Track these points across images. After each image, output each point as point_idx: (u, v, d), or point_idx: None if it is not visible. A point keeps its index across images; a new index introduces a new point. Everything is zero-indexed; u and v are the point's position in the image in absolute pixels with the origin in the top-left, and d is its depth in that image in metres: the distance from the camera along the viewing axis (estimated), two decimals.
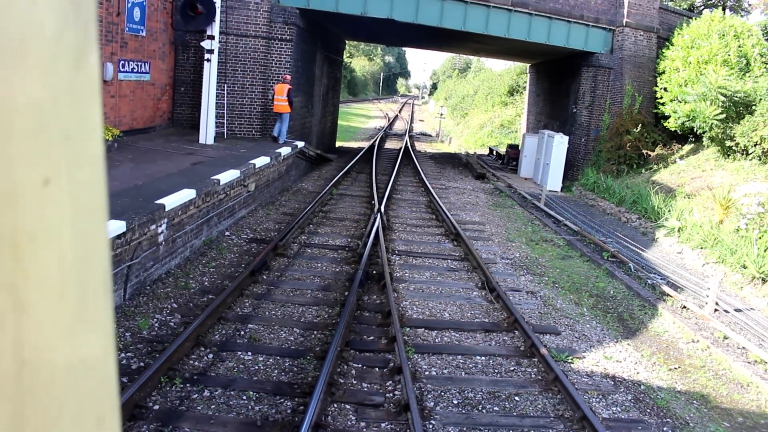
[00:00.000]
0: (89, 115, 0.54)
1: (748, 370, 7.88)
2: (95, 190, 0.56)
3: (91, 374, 0.56)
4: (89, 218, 0.55)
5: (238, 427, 5.53)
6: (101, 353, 0.57)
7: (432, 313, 8.77)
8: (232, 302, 8.36)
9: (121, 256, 7.82)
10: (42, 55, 0.49)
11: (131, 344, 6.95)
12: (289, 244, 11.42)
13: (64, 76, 0.51)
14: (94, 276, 0.56)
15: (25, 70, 0.49)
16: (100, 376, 0.57)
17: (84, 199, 0.54)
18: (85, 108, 0.54)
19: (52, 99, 0.50)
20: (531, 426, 5.97)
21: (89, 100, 0.54)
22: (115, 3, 13.52)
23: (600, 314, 9.57)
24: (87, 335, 0.56)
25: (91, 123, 0.55)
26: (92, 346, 0.57)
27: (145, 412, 5.61)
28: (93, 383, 0.57)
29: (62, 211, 0.52)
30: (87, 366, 0.56)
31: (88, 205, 0.55)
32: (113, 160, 11.56)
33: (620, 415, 6.41)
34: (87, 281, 0.55)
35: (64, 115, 0.52)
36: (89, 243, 0.55)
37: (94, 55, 0.55)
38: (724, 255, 12.17)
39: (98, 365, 0.57)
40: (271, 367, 6.72)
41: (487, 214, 16.48)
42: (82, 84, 0.53)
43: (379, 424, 5.76)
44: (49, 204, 0.51)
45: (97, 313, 0.57)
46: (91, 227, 0.56)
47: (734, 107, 17.97)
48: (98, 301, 0.57)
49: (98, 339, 0.57)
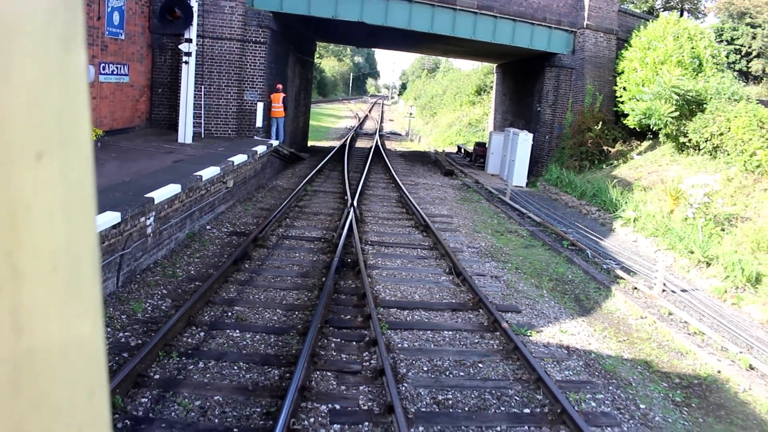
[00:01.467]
0: (77, 97, 0.57)
1: (688, 340, 8.77)
2: (84, 165, 0.58)
3: (83, 347, 0.58)
4: (79, 192, 0.57)
5: (232, 391, 6.20)
6: (91, 326, 0.59)
7: (404, 295, 9.51)
8: (218, 288, 9.00)
9: (114, 246, 8.42)
10: (35, 37, 0.51)
11: (128, 325, 7.56)
12: (268, 236, 12.07)
13: (55, 57, 0.54)
14: (84, 249, 0.58)
15: (19, 50, 0.50)
16: (91, 350, 0.59)
17: (74, 173, 0.57)
18: (74, 90, 0.56)
19: (44, 79, 0.53)
20: (493, 387, 6.74)
21: (78, 83, 0.57)
22: (96, 7, 14.03)
23: (558, 296, 10.40)
24: (78, 307, 0.57)
25: (79, 105, 0.57)
26: (83, 318, 0.58)
27: (148, 380, 6.24)
28: (84, 356, 0.58)
29: (54, 184, 0.54)
30: (79, 337, 0.58)
31: (78, 179, 0.57)
32: (98, 158, 12.09)
33: (572, 378, 7.22)
34: (78, 254, 0.57)
35: (55, 94, 0.54)
36: (79, 216, 0.57)
37: (82, 39, 0.57)
38: (673, 242, 13.12)
39: (89, 338, 0.59)
40: (258, 342, 7.39)
41: (455, 207, 17.29)
42: (71, 67, 0.56)
43: (357, 387, 6.47)
44: (43, 177, 0.53)
45: (87, 286, 0.59)
46: (80, 200, 0.58)
47: (687, 105, 19.04)
48: (88, 274, 0.59)
49: (88, 312, 0.59)
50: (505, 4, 22.01)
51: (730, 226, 13.12)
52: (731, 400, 7.24)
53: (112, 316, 7.72)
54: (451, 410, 6.21)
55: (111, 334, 7.23)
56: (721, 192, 14.65)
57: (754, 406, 7.15)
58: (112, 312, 7.84)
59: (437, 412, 6.14)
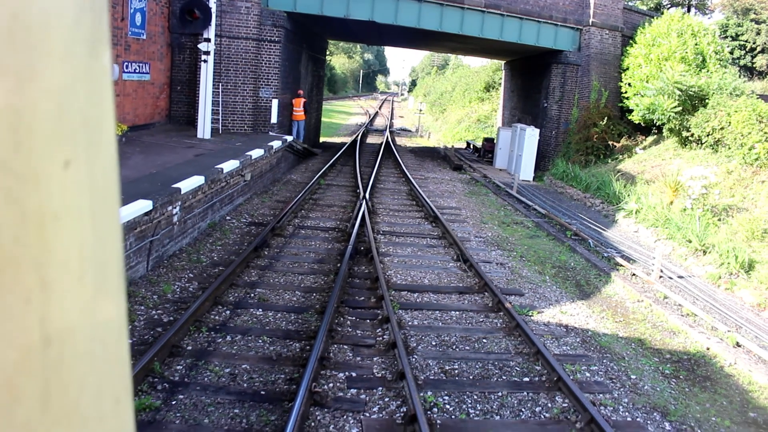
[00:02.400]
0: (103, 100, 0.57)
1: (681, 321, 9.34)
2: (109, 173, 0.58)
3: (109, 356, 0.59)
4: (105, 199, 0.57)
5: (258, 360, 6.85)
6: (117, 334, 0.60)
7: (414, 279, 10.13)
8: (240, 272, 9.65)
9: (145, 232, 9.09)
10: (62, 41, 0.51)
11: (159, 304, 8.22)
12: (285, 226, 12.72)
13: (82, 61, 0.53)
14: (110, 258, 0.58)
15: (48, 55, 0.50)
16: (116, 358, 0.60)
17: (100, 180, 0.56)
18: (100, 93, 0.56)
19: (71, 84, 0.52)
20: (495, 359, 7.36)
21: (103, 86, 0.57)
22: (120, 9, 14.72)
23: (560, 281, 10.99)
24: (104, 316, 0.58)
25: (105, 108, 0.57)
26: (109, 326, 0.59)
27: (181, 350, 6.90)
28: (110, 364, 0.59)
29: (81, 193, 0.54)
30: (105, 346, 0.58)
31: (104, 187, 0.57)
32: (124, 152, 12.78)
33: (569, 352, 7.82)
34: (104, 263, 0.57)
35: (82, 99, 0.54)
36: (105, 224, 0.57)
37: (107, 43, 0.57)
38: (672, 232, 13.67)
39: (115, 346, 0.59)
40: (279, 320, 8.03)
41: (463, 200, 17.89)
42: (97, 70, 0.55)
43: (371, 358, 7.10)
44: (70, 185, 0.52)
45: (113, 296, 0.59)
46: (107, 208, 0.58)
47: (689, 101, 19.54)
48: (114, 284, 0.59)
49: (114, 320, 0.59)
50: (512, 2, 22.55)
51: (727, 217, 13.66)
52: (717, 373, 7.83)
53: (145, 296, 8.39)
54: (457, 378, 6.83)
55: (144, 312, 7.90)
56: (720, 184, 15.18)
57: (738, 378, 7.73)
58: (144, 293, 8.50)
59: (444, 380, 6.76)
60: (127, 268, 8.61)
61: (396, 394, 6.30)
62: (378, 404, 6.12)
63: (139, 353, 6.57)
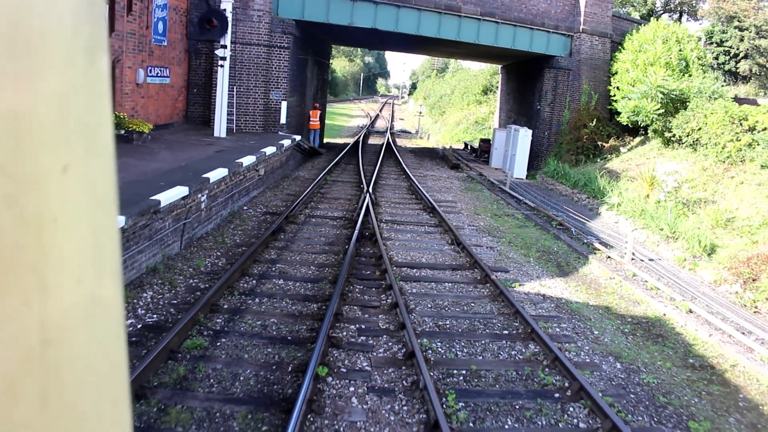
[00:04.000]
0: (102, 106, 0.58)
1: (645, 293, 10.75)
2: (107, 178, 0.59)
3: (107, 357, 0.60)
4: (103, 203, 0.58)
5: (283, 316, 8.25)
6: (115, 336, 0.61)
7: (413, 258, 11.55)
8: (261, 251, 11.05)
9: (180, 215, 10.50)
10: (61, 48, 0.52)
11: (195, 275, 9.63)
12: (297, 215, 14.13)
13: (81, 68, 0.54)
14: (108, 261, 0.59)
15: (47, 62, 0.51)
16: (114, 359, 0.61)
17: (98, 184, 0.57)
18: (99, 100, 0.57)
19: (70, 90, 0.53)
20: (481, 318, 8.76)
21: (102, 92, 0.57)
22: (145, 18, 16.15)
23: (543, 262, 12.40)
24: (102, 319, 0.58)
25: (103, 114, 0.58)
26: (107, 329, 0.59)
27: (219, 308, 8.30)
28: (108, 365, 0.60)
29: (80, 196, 0.55)
30: (103, 347, 0.59)
31: (102, 191, 0.58)
32: (152, 148, 14.21)
33: (543, 314, 9.24)
34: (102, 266, 0.58)
35: (81, 105, 0.55)
36: (103, 228, 0.58)
37: (105, 50, 0.58)
38: (648, 222, 15.07)
39: (113, 348, 0.60)
40: (298, 287, 9.44)
41: (459, 195, 19.32)
42: (95, 77, 0.56)
43: (377, 315, 8.51)
44: (68, 190, 0.53)
45: (110, 298, 0.60)
46: (105, 214, 0.58)
47: (671, 103, 20.94)
48: (111, 287, 0.60)
49: (112, 322, 0.60)
50: (507, 10, 23.99)
51: (698, 208, 15.06)
52: (668, 332, 9.24)
53: (182, 269, 9.80)
54: (448, 331, 8.24)
55: (184, 281, 9.30)
56: (695, 180, 16.61)
57: (685, 335, 9.13)
58: (181, 266, 9.91)
59: (437, 332, 8.17)
60: (164, 246, 10.03)
61: (398, 341, 7.71)
62: (383, 347, 7.53)
63: (185, 309, 7.99)
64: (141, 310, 8.04)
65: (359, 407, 6.09)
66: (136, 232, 8.79)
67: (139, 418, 5.60)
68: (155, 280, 9.07)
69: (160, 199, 9.19)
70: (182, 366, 6.59)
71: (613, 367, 7.68)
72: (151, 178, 10.82)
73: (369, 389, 6.46)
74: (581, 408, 6.45)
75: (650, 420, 6.47)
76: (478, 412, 6.23)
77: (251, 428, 5.59)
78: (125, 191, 9.36)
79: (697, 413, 6.71)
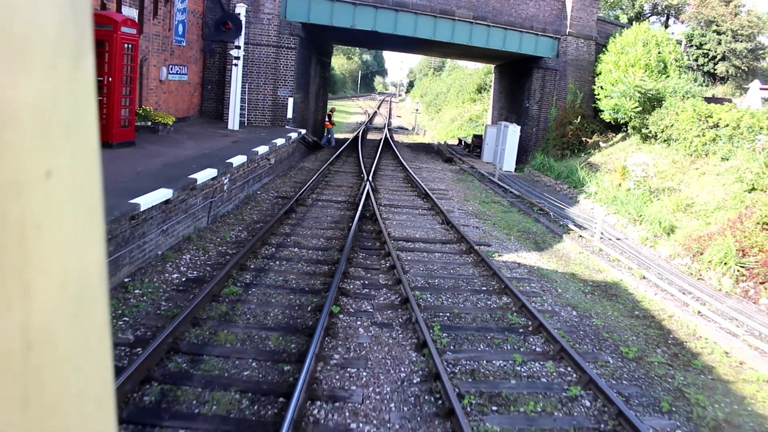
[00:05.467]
0: (87, 111, 0.57)
1: (607, 264, 12.52)
2: (92, 182, 0.59)
3: (90, 358, 0.60)
4: (87, 209, 0.58)
5: (301, 274, 9.98)
6: (98, 338, 0.61)
7: (408, 234, 13.31)
8: (277, 226, 12.79)
9: (207, 194, 12.22)
10: (44, 54, 0.52)
11: (223, 244, 11.35)
12: (305, 199, 15.88)
13: (65, 73, 0.54)
14: (93, 264, 0.60)
15: (30, 67, 0.51)
16: (98, 360, 0.61)
17: (82, 190, 0.57)
18: (83, 104, 0.57)
19: (53, 95, 0.53)
20: (464, 278, 10.51)
21: (86, 97, 0.58)
22: (168, 21, 17.86)
23: (522, 239, 14.17)
24: (86, 321, 0.59)
25: (88, 118, 0.58)
26: (90, 331, 0.60)
27: (247, 267, 10.03)
28: (91, 367, 0.60)
29: (63, 202, 0.55)
30: (86, 350, 0.59)
31: (86, 197, 0.58)
32: (176, 138, 15.93)
33: (517, 276, 11.00)
34: (86, 269, 0.59)
35: (65, 110, 0.55)
36: (88, 231, 0.59)
37: (90, 55, 0.58)
38: (619, 207, 16.85)
39: (96, 350, 0.61)
40: (311, 254, 11.18)
41: (451, 184, 21.09)
42: (80, 81, 0.56)
43: (378, 274, 10.26)
44: (52, 195, 0.54)
45: (95, 301, 0.60)
46: (89, 217, 0.59)
47: (648, 102, 22.72)
48: (96, 289, 0.60)
49: (96, 325, 0.60)
50: (497, 14, 25.75)
51: (663, 195, 16.84)
52: (622, 292, 11.01)
53: (212, 239, 11.52)
54: (437, 286, 10.00)
55: (214, 248, 11.02)
56: (666, 171, 18.38)
57: (635, 295, 10.91)
58: (210, 237, 11.63)
59: (428, 287, 9.93)
60: (195, 220, 11.75)
61: (395, 292, 9.47)
62: (383, 296, 9.28)
63: (220, 267, 9.71)
64: (183, 267, 9.77)
65: (365, 334, 7.85)
66: (176, 205, 10.51)
67: (197, 337, 7.33)
68: (191, 247, 10.80)
69: (197, 178, 10.93)
70: (224, 305, 8.33)
71: (570, 314, 9.46)
72: (184, 162, 12.54)
73: (372, 323, 8.22)
74: (539, 338, 8.22)
75: (592, 347, 8.25)
76: (457, 339, 7.99)
77: (283, 345, 7.33)
78: (167, 172, 11.12)
79: (631, 345, 8.48)
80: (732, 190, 15.12)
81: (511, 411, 6.32)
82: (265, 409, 5.91)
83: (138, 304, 8.07)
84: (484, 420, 6.05)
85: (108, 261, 7.07)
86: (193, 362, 6.69)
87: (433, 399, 6.35)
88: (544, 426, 6.09)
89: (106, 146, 12.59)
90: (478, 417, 6.10)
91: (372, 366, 6.98)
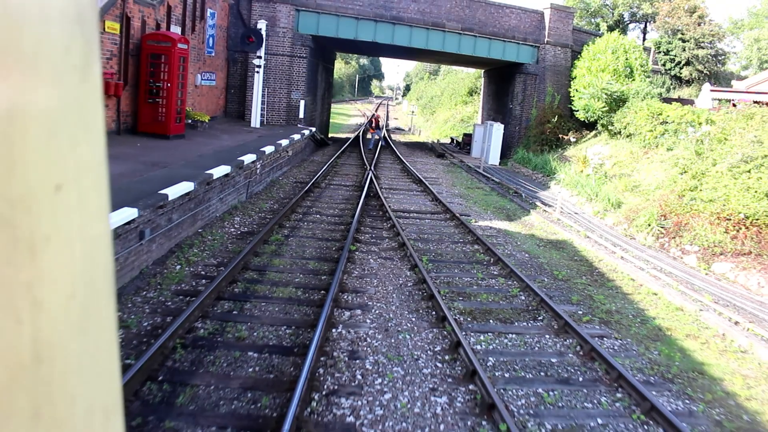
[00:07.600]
0: (94, 123, 0.58)
1: (561, 229, 15.91)
2: (100, 194, 0.60)
3: (99, 370, 0.61)
4: (95, 221, 0.59)
5: (324, 230, 13.34)
6: (107, 350, 0.62)
7: (405, 208, 16.70)
8: (300, 201, 16.15)
9: (247, 174, 15.57)
10: (52, 67, 0.53)
11: (261, 212, 14.70)
12: (320, 183, 19.26)
13: (72, 86, 0.55)
14: (100, 276, 0.60)
15: (38, 80, 0.51)
16: (106, 372, 0.62)
17: (90, 203, 0.58)
18: (91, 117, 0.58)
19: (61, 108, 0.54)
20: (447, 235, 13.89)
21: (94, 110, 0.58)
22: (201, 36, 21.25)
23: (496, 213, 17.56)
24: (94, 333, 0.59)
25: (95, 131, 0.58)
26: (99, 343, 0.61)
27: (283, 225, 13.39)
28: (100, 378, 0.61)
29: (72, 215, 0.56)
30: (95, 362, 0.60)
31: (94, 209, 0.59)
32: (213, 133, 19.32)
33: (488, 234, 14.40)
34: (94, 281, 0.59)
35: (72, 123, 0.55)
36: (96, 245, 0.59)
37: (97, 68, 0.59)
38: (580, 190, 20.26)
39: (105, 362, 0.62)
40: (330, 218, 14.55)
41: (441, 174, 24.51)
42: (87, 94, 0.57)
43: (382, 231, 13.64)
44: (61, 208, 0.54)
45: (103, 312, 0.61)
46: (97, 230, 0.59)
47: (614, 102, 26.13)
48: (104, 301, 0.61)
49: (104, 337, 0.61)
50: (483, 26, 29.18)
51: (616, 179, 20.24)
52: (567, 246, 14.40)
53: (252, 208, 14.88)
54: (426, 239, 13.38)
55: (256, 214, 14.37)
56: (623, 161, 21.78)
57: (577, 248, 14.30)
58: (251, 207, 14.99)
59: (419, 239, 13.31)
60: (238, 194, 15.09)
61: (395, 241, 12.84)
62: (386, 243, 12.66)
63: (263, 225, 13.05)
64: (237, 225, 13.11)
65: (374, 262, 11.23)
66: (227, 181, 13.86)
67: (259, 262, 10.68)
68: (238, 213, 14.14)
69: (244, 160, 14.31)
70: (272, 246, 11.70)
71: (524, 256, 12.86)
72: (227, 149, 15.91)
73: (379, 257, 11.60)
74: (498, 267, 11.61)
75: (534, 273, 11.65)
76: (439, 266, 11.39)
77: (318, 266, 10.70)
78: (219, 155, 14.51)
79: (562, 272, 11.88)
80: (670, 173, 18.53)
81: (472, 300, 9.73)
82: (312, 296, 9.29)
83: (213, 244, 11.44)
84: (453, 303, 9.44)
85: (192, 214, 10.57)
86: (261, 273, 10.06)
87: (420, 293, 9.75)
88: (492, 308, 9.48)
89: (164, 138, 15.99)
90: (449, 302, 9.49)
91: (380, 277, 10.39)
